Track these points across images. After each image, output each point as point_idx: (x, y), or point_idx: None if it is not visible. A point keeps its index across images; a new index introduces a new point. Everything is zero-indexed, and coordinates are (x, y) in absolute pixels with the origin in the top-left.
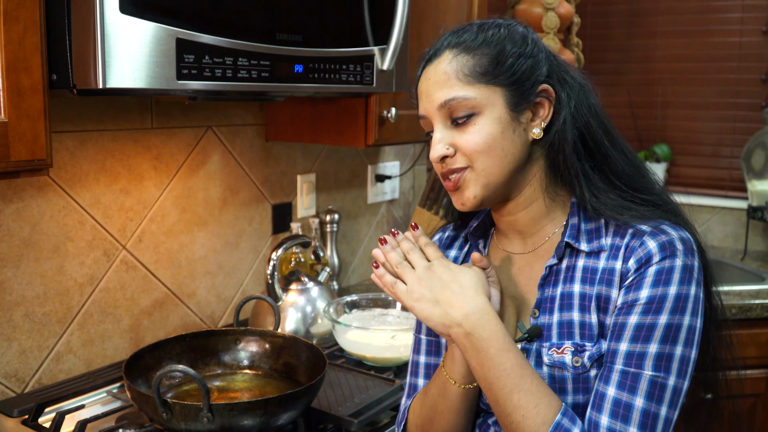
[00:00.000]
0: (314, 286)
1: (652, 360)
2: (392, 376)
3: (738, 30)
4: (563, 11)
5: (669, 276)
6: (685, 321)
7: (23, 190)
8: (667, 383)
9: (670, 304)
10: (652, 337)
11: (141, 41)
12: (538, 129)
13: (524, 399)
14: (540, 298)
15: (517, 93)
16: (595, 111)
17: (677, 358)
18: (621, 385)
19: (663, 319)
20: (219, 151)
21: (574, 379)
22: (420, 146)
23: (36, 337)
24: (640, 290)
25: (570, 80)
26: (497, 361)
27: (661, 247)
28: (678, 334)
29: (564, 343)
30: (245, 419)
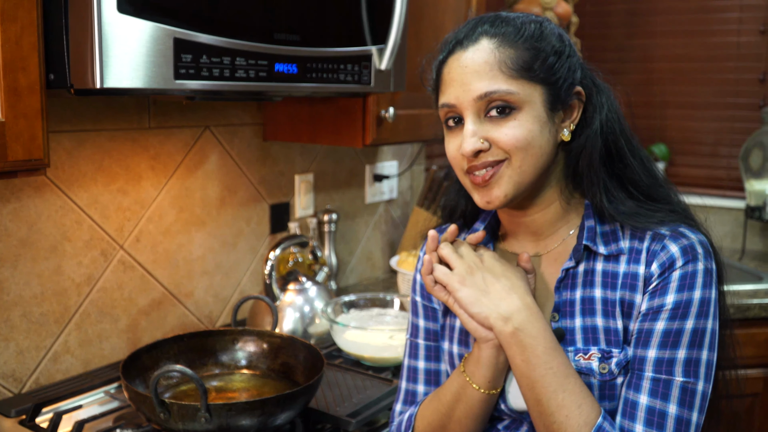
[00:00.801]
0: (312, 286)
1: (681, 366)
2: (390, 376)
3: (736, 30)
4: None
5: (693, 280)
6: (709, 325)
7: (20, 190)
8: (696, 388)
9: (695, 309)
10: (680, 343)
11: (138, 41)
12: (567, 131)
13: (568, 399)
14: (558, 301)
15: (554, 92)
16: (620, 118)
17: (704, 362)
18: (653, 392)
19: (690, 324)
20: (217, 151)
21: (600, 386)
22: (418, 146)
23: (33, 337)
24: (666, 296)
25: (600, 85)
26: (544, 359)
27: (683, 251)
28: (704, 339)
29: (590, 349)
30: (243, 419)
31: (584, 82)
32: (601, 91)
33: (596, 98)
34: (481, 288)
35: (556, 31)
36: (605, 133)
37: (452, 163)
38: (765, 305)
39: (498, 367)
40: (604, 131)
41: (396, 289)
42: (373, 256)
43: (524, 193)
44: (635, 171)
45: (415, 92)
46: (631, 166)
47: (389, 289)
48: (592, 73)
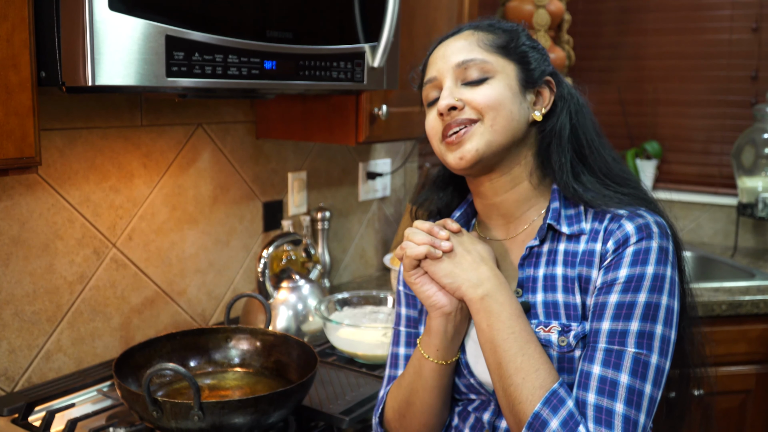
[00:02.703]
0: (305, 283)
1: (634, 337)
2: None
3: (728, 27)
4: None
5: (646, 256)
6: (663, 300)
7: (12, 188)
8: (650, 361)
9: (648, 283)
10: (633, 315)
11: (130, 38)
12: (539, 112)
13: (527, 363)
14: (521, 277)
15: (527, 73)
16: (590, 115)
17: (658, 336)
18: (605, 363)
19: (642, 297)
20: (209, 149)
21: (559, 359)
22: (411, 144)
23: (25, 335)
24: (619, 270)
25: (569, 86)
26: (508, 324)
27: (638, 228)
28: (657, 313)
29: (551, 323)
30: (236, 417)
31: (555, 76)
32: (566, 87)
33: (566, 93)
34: (453, 261)
35: (527, 34)
36: (574, 122)
37: (430, 135)
38: (757, 302)
39: (446, 336)
40: (573, 120)
41: (389, 287)
42: (366, 253)
43: (494, 155)
44: (604, 159)
45: (407, 90)
46: (599, 154)
47: (382, 286)
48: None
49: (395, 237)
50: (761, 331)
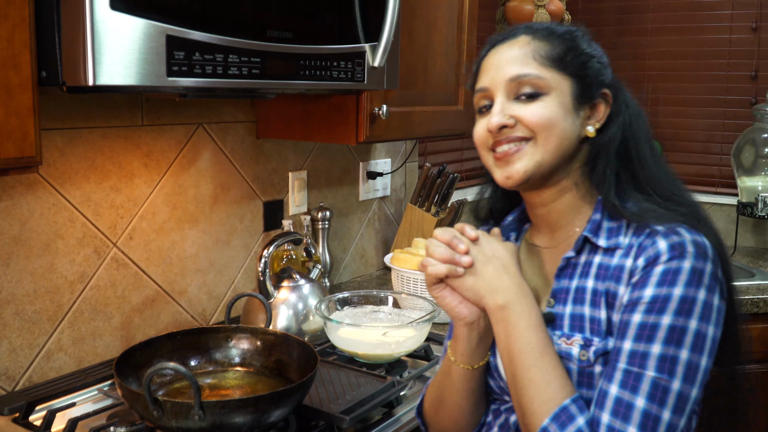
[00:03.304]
0: (306, 283)
1: (655, 361)
2: (384, 373)
3: (728, 27)
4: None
5: (675, 277)
6: (692, 325)
7: (12, 188)
8: (670, 387)
9: (674, 305)
10: (655, 338)
11: (131, 38)
12: (592, 128)
13: (539, 376)
14: (555, 288)
15: (582, 87)
16: (644, 124)
17: (683, 362)
18: (623, 384)
19: (666, 319)
20: (210, 149)
21: (579, 372)
22: (411, 143)
23: (26, 335)
24: (645, 289)
25: (627, 93)
26: (525, 335)
27: (670, 246)
28: (683, 337)
29: (574, 335)
30: (236, 417)
31: (613, 87)
32: (624, 97)
33: (623, 103)
34: (475, 274)
35: (588, 38)
36: (626, 135)
37: (478, 143)
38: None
39: (471, 343)
40: (625, 133)
41: (389, 286)
42: (367, 253)
43: (542, 175)
44: (654, 173)
45: (408, 90)
46: (649, 168)
47: (383, 286)
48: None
49: (395, 237)
50: (761, 331)
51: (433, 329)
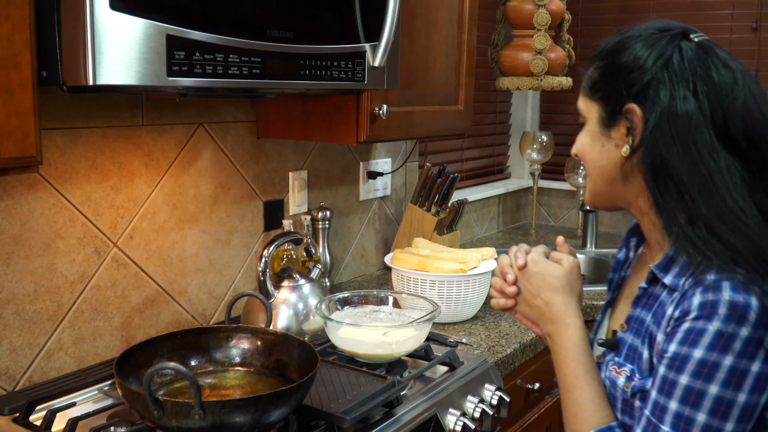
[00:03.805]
0: (306, 283)
1: (671, 417)
2: (384, 373)
3: (728, 27)
4: (554, 8)
5: (697, 338)
6: (711, 390)
7: (13, 188)
8: None
9: (692, 367)
10: (673, 395)
11: (131, 38)
12: (627, 146)
13: (571, 406)
14: (630, 314)
15: (607, 110)
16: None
17: (700, 425)
18: (645, 430)
19: (684, 379)
20: (210, 148)
21: (622, 401)
22: (411, 143)
23: (27, 335)
24: (671, 343)
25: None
26: (562, 365)
27: (700, 306)
28: (700, 401)
29: (626, 366)
30: (237, 416)
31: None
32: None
33: (655, 117)
34: (528, 302)
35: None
36: (654, 159)
37: None
38: None
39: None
40: (651, 149)
41: (390, 286)
42: (367, 253)
43: (606, 201)
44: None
45: (408, 89)
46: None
47: (383, 286)
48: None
49: (396, 236)
50: None
51: (434, 329)
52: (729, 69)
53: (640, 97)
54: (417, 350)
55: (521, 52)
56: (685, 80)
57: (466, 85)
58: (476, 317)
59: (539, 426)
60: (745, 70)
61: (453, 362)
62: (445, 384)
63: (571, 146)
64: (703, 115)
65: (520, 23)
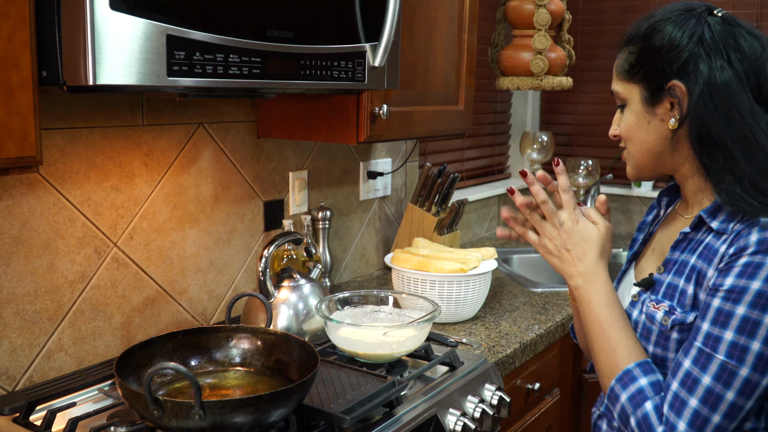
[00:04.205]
0: (306, 283)
1: (726, 346)
2: (384, 373)
3: None
4: (554, 8)
5: (756, 270)
6: (767, 320)
7: (13, 188)
8: (738, 372)
9: (750, 298)
10: (729, 325)
11: (131, 38)
12: (674, 120)
13: (606, 345)
14: (668, 258)
15: (650, 90)
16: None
17: (753, 352)
18: (695, 360)
19: (741, 310)
20: (210, 148)
21: (658, 334)
22: (412, 143)
23: (27, 334)
24: (727, 277)
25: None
26: (596, 310)
27: (759, 241)
28: (756, 329)
29: (663, 302)
30: (237, 416)
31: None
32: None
33: (698, 91)
34: (557, 254)
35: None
36: (697, 121)
37: None
38: None
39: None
40: (696, 119)
41: (390, 286)
42: (367, 252)
43: (649, 173)
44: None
45: (408, 89)
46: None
47: (383, 286)
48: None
49: (396, 236)
50: None
51: (434, 329)
52: (754, 36)
53: (681, 73)
54: (417, 350)
55: (521, 52)
56: (719, 52)
57: (466, 85)
58: (476, 317)
59: (539, 426)
60: (765, 37)
61: (453, 362)
62: (445, 384)
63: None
64: (740, 81)
65: (521, 23)
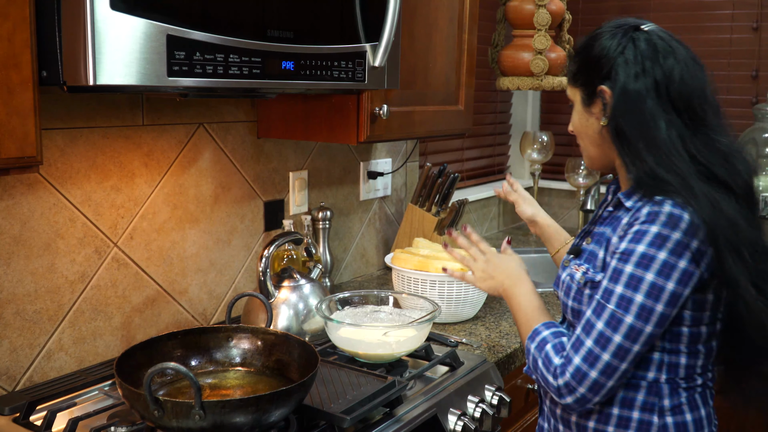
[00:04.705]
0: (306, 283)
1: (616, 298)
2: (384, 373)
3: (729, 27)
4: (554, 8)
5: (642, 237)
6: (648, 276)
7: (13, 188)
8: (623, 319)
9: (635, 258)
10: (619, 281)
11: (131, 38)
12: (604, 118)
13: (527, 324)
14: (594, 231)
15: (586, 93)
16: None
17: (637, 303)
18: (594, 310)
19: (629, 268)
20: (210, 148)
21: (576, 290)
22: (412, 143)
23: (27, 335)
24: (621, 243)
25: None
26: (523, 303)
27: (648, 213)
28: (639, 285)
29: (583, 264)
30: (237, 416)
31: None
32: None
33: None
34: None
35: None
36: (612, 121)
37: None
38: None
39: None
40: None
41: (390, 286)
42: (368, 253)
43: (599, 164)
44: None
45: (408, 89)
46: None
47: (383, 286)
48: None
49: (396, 236)
50: None
51: (434, 329)
52: (671, 49)
53: (606, 79)
54: (417, 350)
55: (521, 52)
56: (638, 62)
57: (466, 85)
58: (476, 317)
59: None
60: (684, 47)
61: (453, 362)
62: (445, 384)
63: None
64: (651, 88)
65: (521, 23)
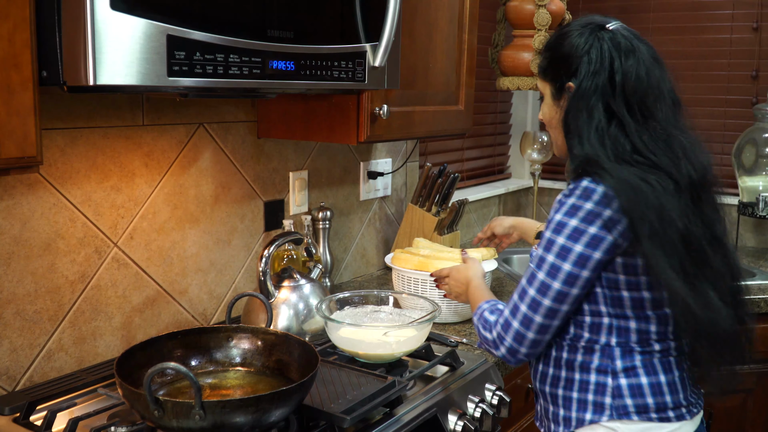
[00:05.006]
0: (306, 283)
1: (536, 259)
2: (384, 373)
3: (729, 27)
4: (555, 8)
5: (559, 207)
6: (560, 240)
7: (13, 188)
8: (537, 275)
9: (552, 226)
10: (541, 245)
11: (132, 38)
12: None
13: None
14: (549, 219)
15: (556, 86)
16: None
17: (548, 262)
18: (527, 276)
19: (548, 234)
20: (211, 148)
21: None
22: (412, 143)
23: (27, 335)
24: (549, 214)
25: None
26: (479, 293)
27: (569, 188)
28: (552, 246)
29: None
30: (237, 416)
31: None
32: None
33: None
34: (457, 294)
35: (571, 39)
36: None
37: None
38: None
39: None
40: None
41: (390, 286)
42: (368, 253)
43: (562, 153)
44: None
45: (408, 89)
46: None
47: (383, 286)
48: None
49: (396, 236)
50: (762, 330)
51: (434, 329)
52: (633, 48)
53: (571, 76)
54: (417, 350)
55: (521, 52)
56: (597, 61)
57: (466, 85)
58: None
59: None
60: (646, 46)
61: (453, 362)
62: (445, 384)
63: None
64: (599, 85)
65: (521, 23)
